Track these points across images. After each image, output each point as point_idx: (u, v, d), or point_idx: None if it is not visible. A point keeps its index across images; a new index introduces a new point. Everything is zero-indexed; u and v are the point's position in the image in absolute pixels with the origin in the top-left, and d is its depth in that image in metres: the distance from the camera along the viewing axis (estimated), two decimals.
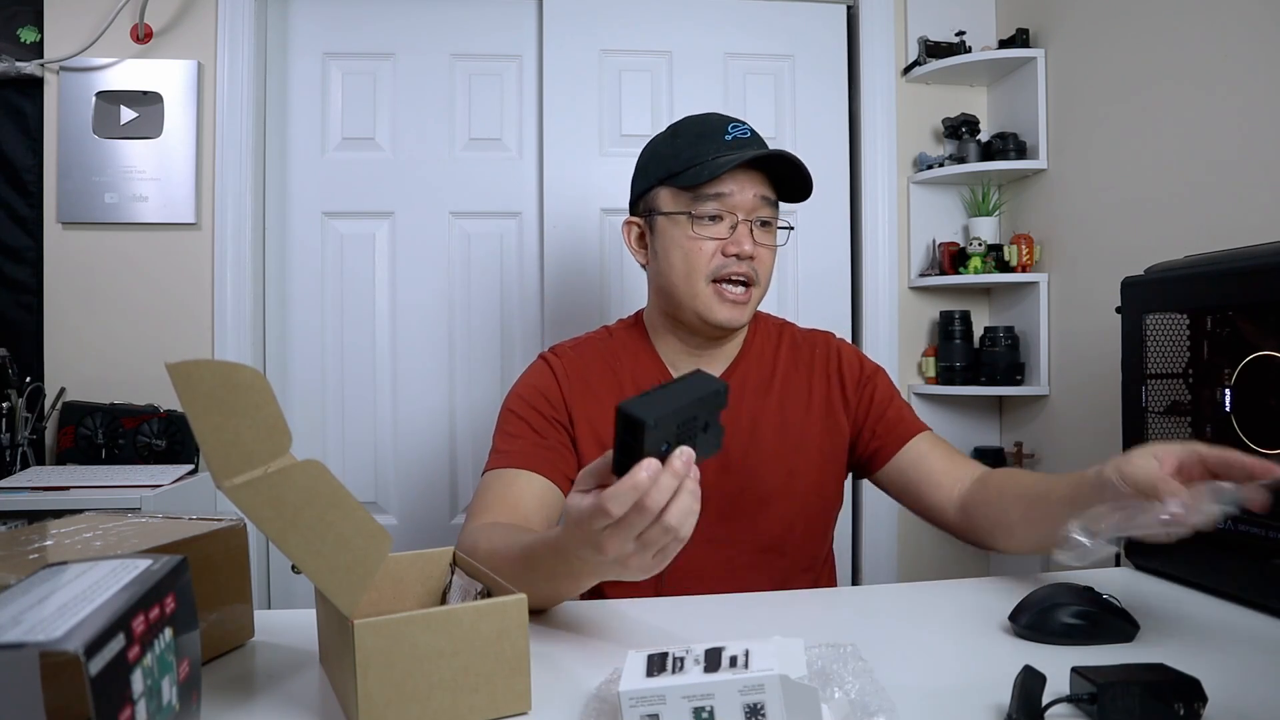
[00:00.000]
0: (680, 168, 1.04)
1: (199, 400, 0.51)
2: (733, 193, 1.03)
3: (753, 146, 1.04)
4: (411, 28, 2.06)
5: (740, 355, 1.14)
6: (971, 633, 0.78)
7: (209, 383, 0.52)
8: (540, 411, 1.06)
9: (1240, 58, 1.45)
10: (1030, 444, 2.06)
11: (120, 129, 1.93)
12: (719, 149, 1.03)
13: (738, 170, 1.03)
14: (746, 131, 1.06)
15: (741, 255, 1.02)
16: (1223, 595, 0.87)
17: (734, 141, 1.04)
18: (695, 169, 1.02)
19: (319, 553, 0.56)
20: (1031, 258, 2.01)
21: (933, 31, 2.13)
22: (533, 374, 1.12)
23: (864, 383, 1.13)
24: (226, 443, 0.53)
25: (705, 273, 1.04)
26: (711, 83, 2.12)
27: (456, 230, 2.08)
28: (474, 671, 0.58)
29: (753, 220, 1.04)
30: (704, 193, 1.03)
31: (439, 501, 2.07)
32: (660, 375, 1.12)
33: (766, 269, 1.06)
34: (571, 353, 1.14)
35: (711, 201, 1.03)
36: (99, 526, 0.75)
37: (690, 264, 1.04)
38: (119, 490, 1.61)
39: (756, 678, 0.51)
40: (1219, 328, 0.92)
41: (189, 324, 1.95)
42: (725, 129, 1.05)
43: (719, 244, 1.03)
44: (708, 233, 1.04)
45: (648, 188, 1.09)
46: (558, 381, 1.09)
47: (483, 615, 0.58)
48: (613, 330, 1.19)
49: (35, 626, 0.41)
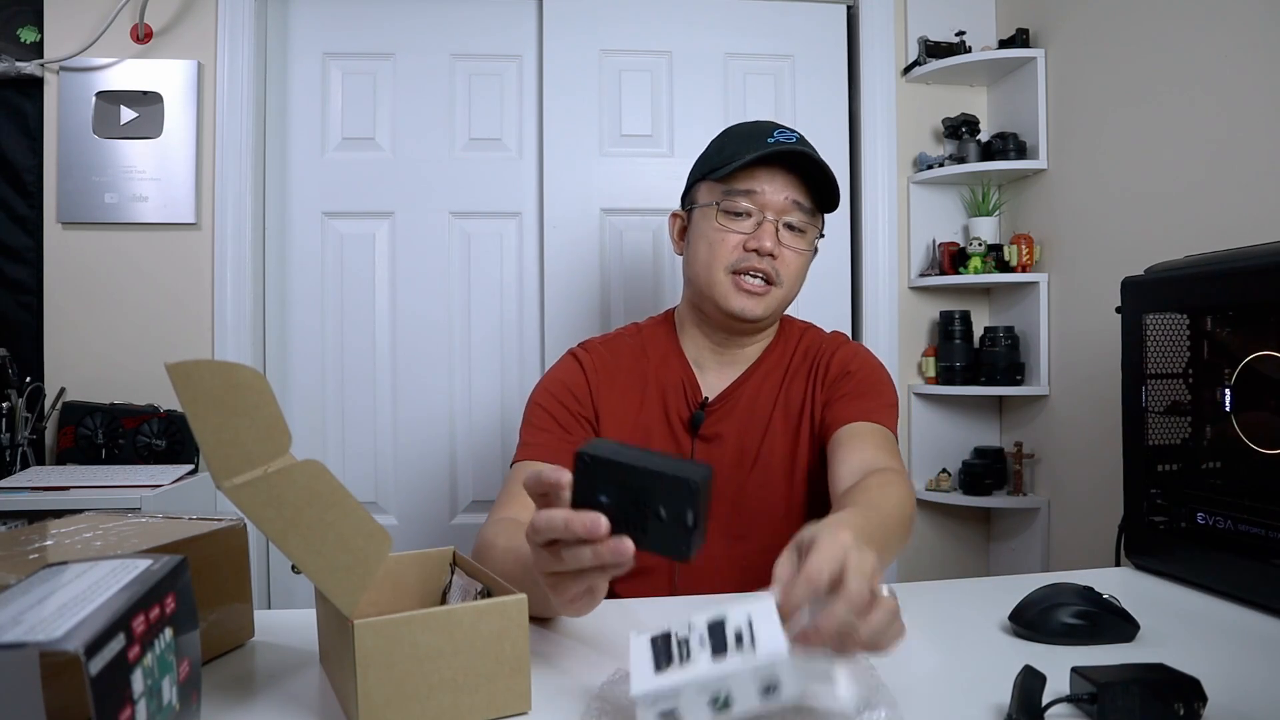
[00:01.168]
0: (719, 163, 1.06)
1: (199, 400, 0.51)
2: (764, 191, 1.04)
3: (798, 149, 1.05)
4: (411, 28, 2.06)
5: (762, 357, 1.14)
6: (971, 633, 0.78)
7: (209, 383, 0.52)
8: (566, 406, 1.07)
9: (1240, 58, 1.45)
10: (1030, 444, 2.06)
11: (120, 129, 1.93)
12: (759, 149, 1.04)
13: (774, 171, 1.04)
14: (792, 137, 1.07)
15: (761, 251, 1.03)
16: (1223, 595, 0.87)
17: (775, 145, 1.05)
18: (729, 164, 1.05)
19: (319, 553, 0.56)
20: (1031, 258, 2.01)
21: (933, 31, 2.13)
22: (561, 369, 1.14)
23: (841, 378, 1.08)
24: (226, 443, 0.53)
25: (725, 263, 1.05)
26: (711, 83, 2.12)
27: (456, 230, 2.08)
28: (474, 671, 0.58)
29: (780, 221, 1.05)
30: (735, 187, 1.05)
31: (439, 501, 2.07)
32: (685, 372, 1.12)
33: (791, 271, 1.07)
34: (601, 349, 1.15)
35: (741, 197, 1.05)
36: (99, 526, 0.75)
37: (712, 253, 1.06)
38: (119, 490, 1.61)
39: (769, 660, 0.50)
40: (1219, 328, 0.92)
41: (189, 324, 1.95)
42: (771, 133, 1.06)
43: (743, 238, 1.05)
44: (734, 226, 1.05)
45: (691, 183, 1.12)
46: (586, 377, 1.11)
47: (483, 615, 0.58)
48: (642, 327, 1.20)
49: (35, 626, 0.41)
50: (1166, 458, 0.97)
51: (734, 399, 1.11)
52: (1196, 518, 0.92)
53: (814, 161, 1.05)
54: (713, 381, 1.12)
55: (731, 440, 1.09)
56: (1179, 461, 0.96)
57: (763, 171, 1.05)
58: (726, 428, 1.09)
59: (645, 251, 2.10)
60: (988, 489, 2.05)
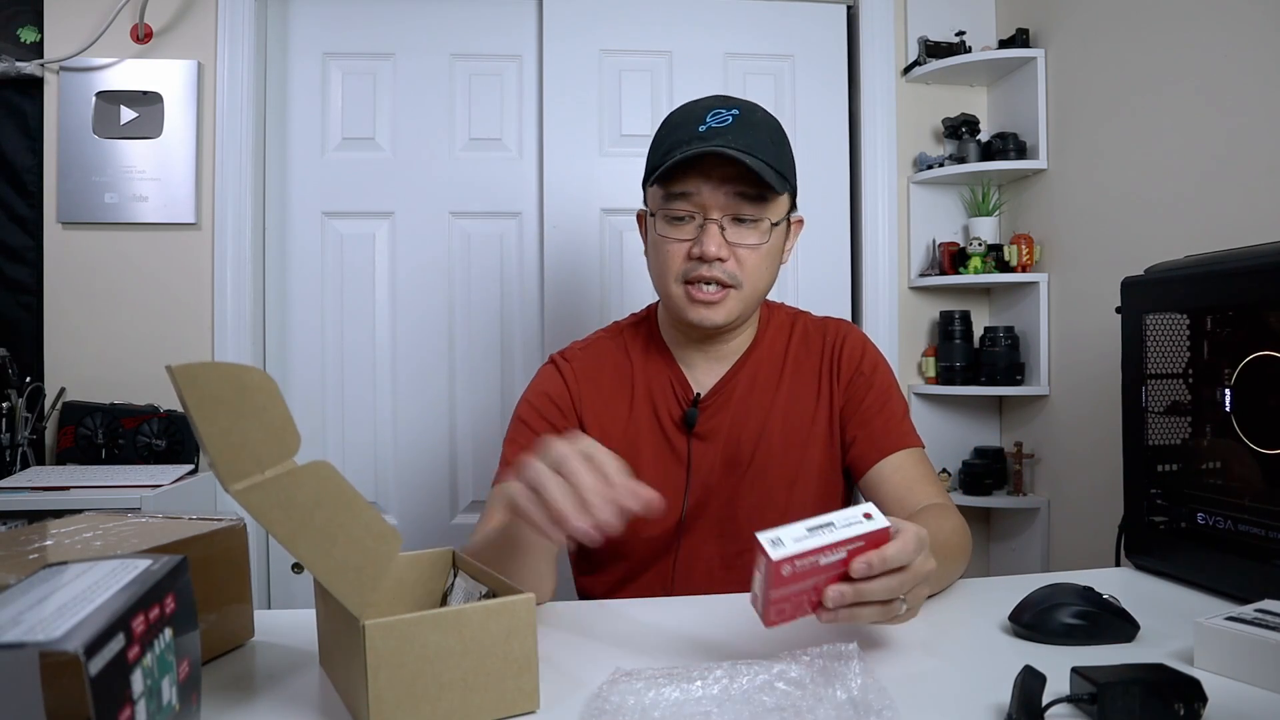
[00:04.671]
0: (657, 161, 0.99)
1: (205, 403, 0.51)
2: (699, 191, 0.96)
3: (728, 136, 0.94)
4: (411, 28, 2.06)
5: (749, 350, 1.09)
6: (971, 633, 0.78)
7: (215, 385, 0.52)
8: (549, 420, 1.05)
9: (1240, 58, 1.45)
10: (1030, 444, 2.06)
11: (120, 129, 1.93)
12: (690, 140, 0.94)
13: (708, 165, 0.94)
14: (726, 119, 0.95)
15: (706, 258, 0.96)
16: (1223, 595, 0.87)
17: (707, 132, 0.94)
18: (662, 166, 0.96)
19: (329, 554, 0.56)
20: (1031, 258, 2.01)
21: (933, 31, 2.13)
22: (542, 379, 1.11)
23: (856, 379, 1.07)
24: (234, 446, 0.52)
25: (675, 275, 0.99)
26: (711, 83, 2.12)
27: (456, 230, 2.08)
28: (483, 671, 0.58)
29: (724, 218, 0.97)
30: (671, 190, 0.97)
31: (439, 501, 2.07)
32: (673, 371, 1.09)
33: (749, 270, 0.99)
34: (582, 355, 1.12)
35: (678, 201, 0.97)
36: (99, 526, 0.75)
37: (662, 265, 1.01)
38: (119, 490, 1.61)
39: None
40: (1219, 328, 0.92)
41: (189, 324, 1.95)
42: (705, 117, 0.96)
43: (687, 245, 0.98)
44: (675, 234, 0.98)
45: (644, 180, 1.04)
46: (567, 386, 1.08)
47: (491, 615, 0.58)
48: (622, 327, 1.16)
49: (35, 626, 0.41)
50: (1166, 458, 0.97)
51: (727, 392, 1.07)
52: (1196, 518, 0.92)
53: (715, 155, 0.92)
54: (702, 378, 1.08)
55: (728, 436, 1.06)
56: (1179, 461, 0.96)
57: (696, 168, 0.95)
58: (721, 422, 1.06)
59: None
60: (988, 489, 2.05)
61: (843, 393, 1.07)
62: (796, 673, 0.59)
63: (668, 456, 1.06)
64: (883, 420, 1.05)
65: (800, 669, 0.59)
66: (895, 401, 1.07)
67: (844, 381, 1.08)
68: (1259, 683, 0.63)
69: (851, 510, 0.65)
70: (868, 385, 1.07)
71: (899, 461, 1.02)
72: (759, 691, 0.57)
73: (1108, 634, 0.73)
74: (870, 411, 1.05)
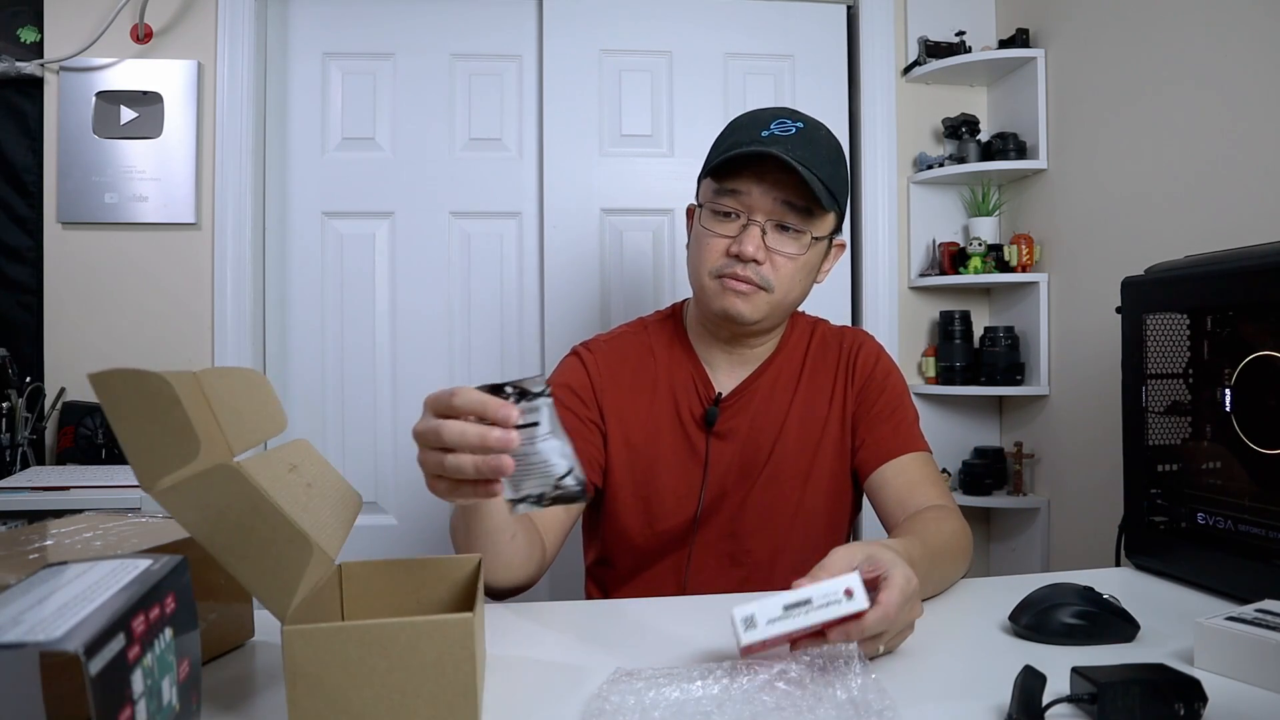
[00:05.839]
0: (715, 157, 1.01)
1: (117, 408, 0.52)
2: (750, 192, 0.98)
3: (788, 145, 0.96)
4: (411, 28, 2.06)
5: (773, 356, 1.11)
6: (971, 633, 0.78)
7: (122, 391, 0.52)
8: (571, 410, 1.05)
9: (1240, 58, 1.45)
10: (1030, 444, 2.06)
11: (120, 129, 1.93)
12: (750, 142, 0.97)
13: (764, 168, 0.97)
14: (790, 129, 0.98)
15: (743, 257, 0.98)
16: (1223, 595, 0.87)
17: (769, 138, 0.97)
18: (719, 159, 0.99)
19: (244, 556, 0.55)
20: (1031, 258, 2.01)
21: (933, 31, 2.13)
22: (564, 370, 1.12)
23: (868, 386, 1.09)
24: (145, 450, 0.52)
25: (710, 268, 1.01)
26: (711, 83, 2.12)
27: (456, 230, 2.08)
28: (412, 692, 0.54)
29: (768, 223, 0.99)
30: (723, 186, 1.00)
31: (439, 501, 2.05)
32: (696, 369, 1.10)
33: (783, 277, 1.00)
34: (605, 347, 1.13)
35: (727, 197, 1.00)
36: (99, 526, 0.75)
37: (699, 257, 1.03)
38: (119, 490, 1.61)
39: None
40: (1219, 328, 0.92)
41: (189, 324, 1.95)
42: (769, 123, 0.99)
43: (727, 242, 1.00)
44: (719, 229, 1.01)
45: (700, 175, 1.06)
46: (589, 377, 1.09)
47: (422, 634, 0.54)
48: (647, 323, 1.17)
49: (35, 626, 0.41)
50: (1166, 458, 0.97)
51: (748, 395, 1.09)
52: (1196, 518, 0.92)
53: (771, 157, 0.95)
54: (724, 379, 1.10)
55: (746, 437, 1.08)
56: (1179, 461, 0.96)
57: (751, 169, 0.97)
58: (741, 423, 1.08)
59: (645, 252, 2.10)
60: (988, 489, 2.05)
61: (855, 398, 1.09)
62: (796, 672, 0.59)
63: (686, 452, 1.07)
64: (891, 425, 1.06)
65: (800, 669, 0.59)
66: (905, 408, 1.09)
67: (857, 387, 1.10)
68: (1259, 683, 0.63)
69: (833, 585, 0.62)
70: (879, 391, 1.09)
71: (903, 464, 1.04)
72: (759, 691, 0.57)
73: (1108, 634, 0.73)
74: (879, 417, 1.07)
